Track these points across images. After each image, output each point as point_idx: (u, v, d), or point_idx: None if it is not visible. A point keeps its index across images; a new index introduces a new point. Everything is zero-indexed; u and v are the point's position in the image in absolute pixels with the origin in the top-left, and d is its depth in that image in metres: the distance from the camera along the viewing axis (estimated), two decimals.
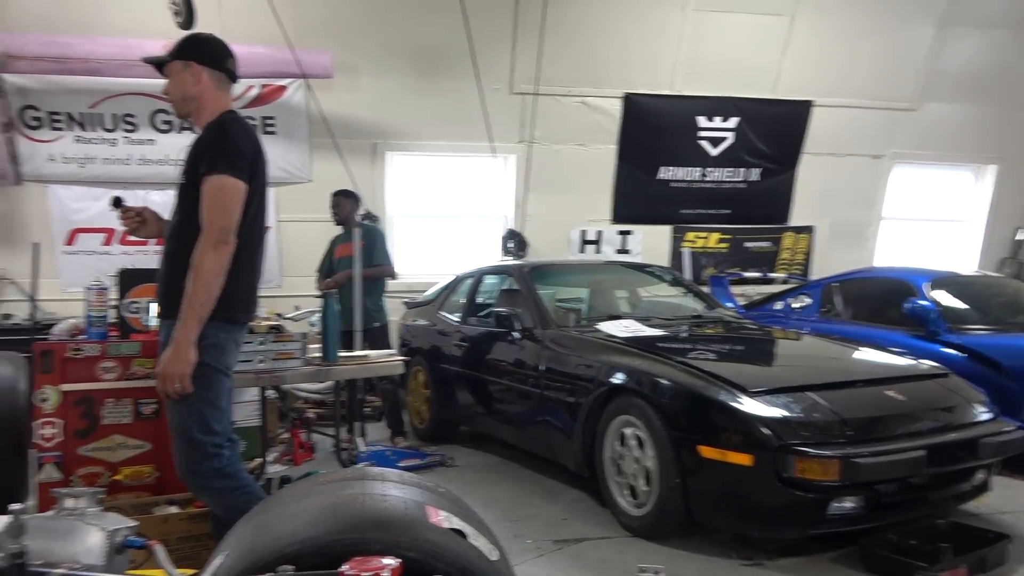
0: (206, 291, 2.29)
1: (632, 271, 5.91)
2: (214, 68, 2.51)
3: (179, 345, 2.27)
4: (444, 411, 5.43)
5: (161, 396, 2.36)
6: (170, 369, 2.27)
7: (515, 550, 3.19)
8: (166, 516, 2.90)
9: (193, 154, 2.44)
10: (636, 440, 3.47)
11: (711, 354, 4.15)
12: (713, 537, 3.35)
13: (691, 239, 8.24)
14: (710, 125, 7.93)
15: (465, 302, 5.56)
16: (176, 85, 2.50)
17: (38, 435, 3.01)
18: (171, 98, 2.55)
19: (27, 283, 6.05)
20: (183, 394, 2.30)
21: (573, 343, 4.17)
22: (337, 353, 3.68)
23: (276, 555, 0.99)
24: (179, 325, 2.29)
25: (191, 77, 2.47)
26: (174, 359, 2.27)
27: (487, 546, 1.14)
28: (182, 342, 2.27)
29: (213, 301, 2.31)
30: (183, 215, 2.43)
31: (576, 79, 7.48)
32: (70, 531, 1.05)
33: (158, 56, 2.56)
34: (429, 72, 7.13)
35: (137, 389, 3.15)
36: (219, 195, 2.33)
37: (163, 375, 2.29)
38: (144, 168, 6.98)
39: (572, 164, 7.70)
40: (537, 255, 7.47)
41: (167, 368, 2.28)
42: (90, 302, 3.24)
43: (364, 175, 7.05)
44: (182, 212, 2.44)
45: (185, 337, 2.28)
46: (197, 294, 2.28)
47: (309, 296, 5.94)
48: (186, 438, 2.35)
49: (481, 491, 4.17)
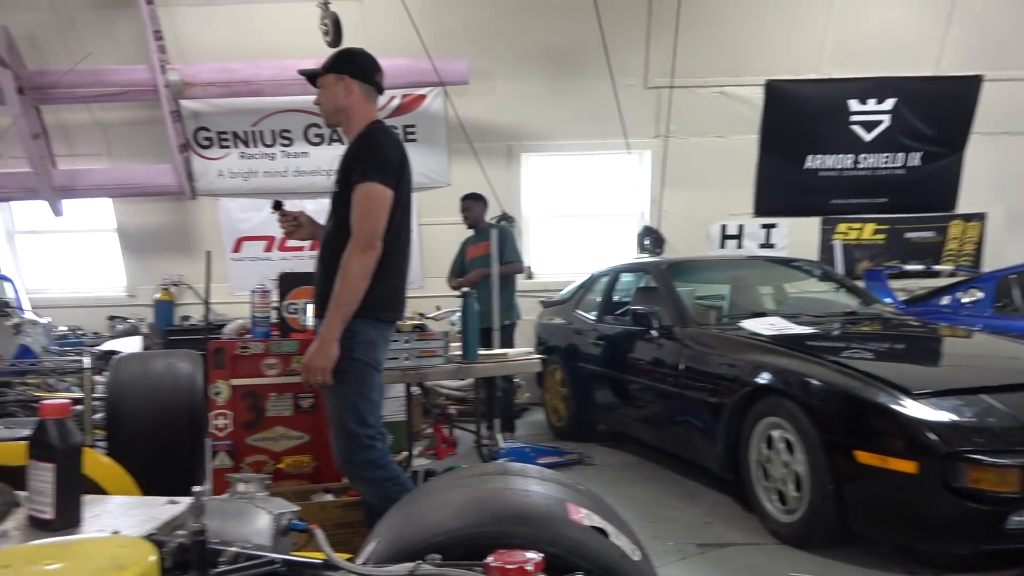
0: (351, 291, 2.42)
1: (777, 266, 5.63)
2: (364, 81, 2.63)
3: (323, 340, 2.42)
4: (581, 410, 5.43)
5: (308, 388, 2.51)
6: (314, 362, 2.42)
7: (655, 552, 3.13)
8: (323, 503, 3.10)
9: (344, 163, 2.57)
10: (784, 443, 3.30)
11: (868, 353, 3.87)
12: (871, 548, 3.12)
13: (843, 231, 7.72)
14: (863, 108, 7.40)
15: (601, 300, 5.53)
16: (328, 97, 2.64)
17: (212, 425, 3.31)
18: (323, 109, 2.69)
19: (201, 288, 6.67)
20: (326, 386, 2.44)
21: (714, 341, 4.04)
22: (477, 351, 3.77)
23: (424, 544, 1.03)
24: (325, 322, 2.44)
25: (343, 90, 2.60)
26: (317, 353, 2.42)
27: (629, 545, 1.12)
28: (326, 337, 2.42)
29: (357, 301, 2.44)
30: (336, 222, 2.57)
31: (713, 69, 7.23)
32: (242, 513, 1.14)
33: (312, 69, 2.71)
34: (562, 72, 7.16)
35: (296, 384, 3.37)
36: (367, 201, 2.45)
37: (307, 367, 2.44)
38: (299, 179, 7.50)
39: (710, 157, 7.45)
40: (674, 252, 7.30)
41: (311, 361, 2.43)
42: (254, 304, 3.52)
43: (500, 177, 7.19)
44: (335, 219, 2.58)
45: (329, 333, 2.42)
46: (343, 294, 2.42)
47: (449, 296, 6.14)
48: (343, 429, 2.49)
49: (619, 490, 4.13)
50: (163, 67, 6.84)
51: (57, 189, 7.35)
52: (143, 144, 7.45)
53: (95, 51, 7.02)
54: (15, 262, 8.02)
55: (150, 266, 7.85)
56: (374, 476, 2.49)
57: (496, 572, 0.80)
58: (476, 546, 1.01)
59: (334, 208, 2.60)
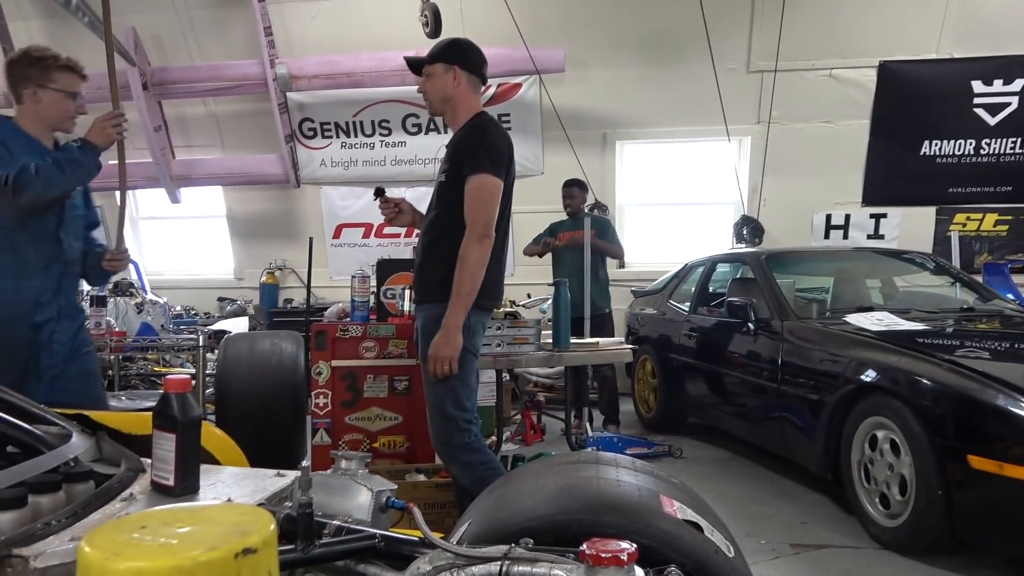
0: (471, 280, 2.46)
1: (886, 258, 5.34)
2: (472, 72, 2.65)
3: (448, 330, 2.46)
4: (672, 401, 5.35)
5: (425, 375, 2.55)
6: (441, 352, 2.46)
7: (748, 549, 3.05)
8: (415, 483, 3.19)
9: (454, 153, 2.59)
10: (890, 445, 3.15)
11: (985, 352, 3.62)
12: (982, 559, 2.94)
13: (960, 221, 7.23)
14: (988, 90, 6.88)
15: (695, 291, 5.41)
16: (436, 86, 2.64)
17: (313, 404, 3.46)
18: (428, 97, 2.67)
19: (304, 272, 6.97)
20: (450, 375, 2.48)
21: (816, 336, 3.88)
22: (569, 339, 3.78)
23: (516, 528, 1.05)
24: (448, 312, 2.47)
25: (452, 79, 2.61)
26: (443, 343, 2.46)
27: (723, 541, 1.11)
28: (451, 327, 2.46)
29: (477, 290, 2.48)
30: (441, 210, 2.60)
31: (821, 51, 6.90)
32: (344, 489, 1.20)
33: (418, 57, 2.71)
34: (660, 58, 7.01)
35: (392, 367, 3.50)
36: (482, 192, 2.49)
37: (434, 357, 2.47)
38: (397, 168, 7.70)
39: (815, 143, 7.13)
40: (774, 242, 7.04)
41: (438, 351, 2.46)
42: (354, 289, 3.64)
43: (593, 165, 7.14)
44: (440, 207, 2.61)
45: (454, 323, 2.46)
46: (463, 283, 2.46)
47: (540, 284, 6.15)
48: (441, 413, 2.54)
49: (711, 485, 4.05)
50: (272, 61, 7.16)
51: (175, 178, 7.84)
52: (252, 135, 7.84)
53: (210, 48, 7.43)
54: (138, 246, 8.61)
55: (256, 251, 8.27)
56: (469, 459, 2.54)
57: (590, 560, 0.81)
58: (567, 533, 1.02)
59: (439, 197, 2.62)
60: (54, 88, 2.55)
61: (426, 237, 2.66)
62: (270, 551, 0.70)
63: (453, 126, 2.69)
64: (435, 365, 2.47)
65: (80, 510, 1.01)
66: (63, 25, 7.23)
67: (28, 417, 1.34)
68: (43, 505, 1.03)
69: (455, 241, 2.50)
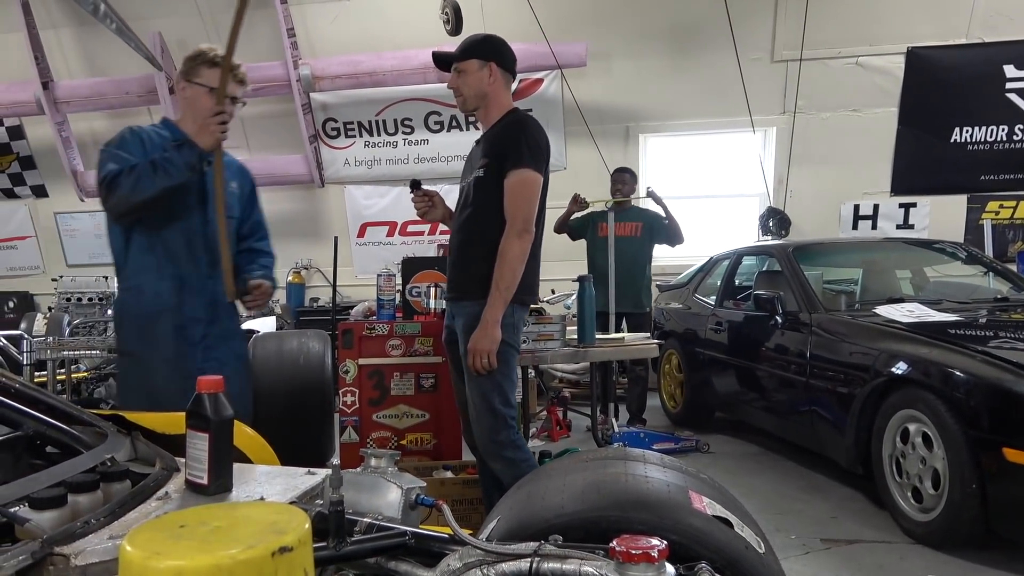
0: (512, 275, 2.47)
1: (916, 248, 5.24)
2: (505, 69, 2.65)
3: (487, 324, 2.47)
4: (698, 396, 5.32)
5: (468, 373, 2.54)
6: (480, 346, 2.47)
7: (778, 545, 3.02)
8: (443, 479, 3.21)
9: (493, 149, 2.57)
10: (922, 438, 3.10)
11: (1020, 343, 3.54)
12: (1018, 552, 2.88)
13: (993, 209, 7.08)
14: (1021, 75, 6.72)
15: (721, 284, 5.37)
16: (471, 82, 2.62)
17: (340, 402, 3.49)
18: (462, 93, 2.63)
19: (329, 271, 7.02)
20: (489, 369, 2.48)
21: (845, 328, 3.83)
22: (594, 335, 3.76)
23: (545, 525, 1.06)
24: (487, 306, 2.48)
25: (488, 76, 2.61)
26: (482, 337, 2.47)
27: (753, 537, 1.10)
28: (490, 321, 2.47)
29: (516, 285, 2.49)
30: (478, 205, 2.59)
31: (847, 38, 6.79)
32: (375, 486, 1.21)
33: (448, 53, 2.68)
34: (683, 50, 6.95)
35: (418, 364, 3.52)
36: (524, 188, 2.49)
37: (473, 351, 2.48)
38: (420, 166, 7.73)
39: (842, 133, 7.02)
40: (801, 234, 6.95)
41: (477, 345, 2.47)
42: (380, 287, 3.67)
43: (617, 159, 7.09)
44: (477, 203, 2.60)
45: (493, 317, 2.47)
46: (504, 278, 2.47)
47: (564, 280, 6.14)
48: (489, 409, 2.54)
49: (739, 480, 4.02)
50: (295, 63, 7.23)
51: None
52: (277, 136, 7.91)
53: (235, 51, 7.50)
54: None
55: (282, 250, 8.20)
56: (513, 456, 2.53)
57: (620, 556, 0.81)
58: (596, 529, 1.02)
59: (475, 193, 2.60)
60: (197, 83, 2.45)
61: (462, 234, 2.65)
62: (306, 549, 0.72)
63: (485, 123, 2.68)
64: (474, 359, 2.47)
65: (117, 509, 1.03)
66: (92, 32, 7.37)
67: (66, 418, 1.38)
68: (82, 504, 1.05)
69: (495, 237, 2.50)
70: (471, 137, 7.64)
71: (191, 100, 2.47)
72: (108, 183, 2.27)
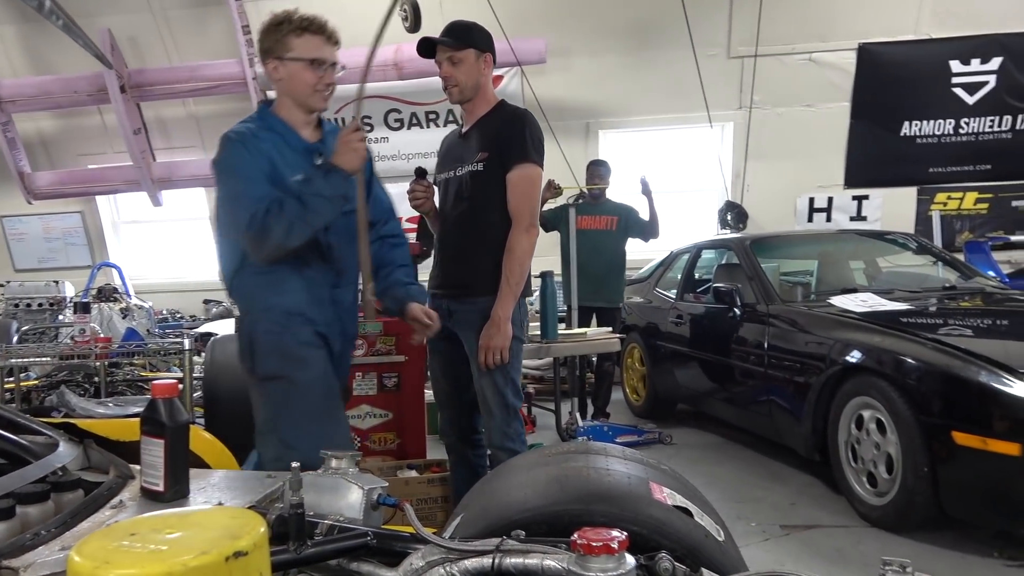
0: (521, 271, 2.48)
1: (868, 240, 5.37)
2: (494, 61, 2.63)
3: (499, 320, 2.45)
4: (660, 389, 5.38)
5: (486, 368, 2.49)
6: (494, 343, 2.45)
7: (738, 532, 3.08)
8: (407, 479, 3.19)
9: (494, 143, 2.50)
10: (876, 424, 3.18)
11: (968, 330, 3.66)
12: (969, 533, 2.98)
13: (941, 201, 7.30)
14: (966, 70, 6.95)
15: (681, 278, 5.44)
16: (468, 73, 2.55)
17: None
18: (458, 83, 2.54)
19: None
20: (500, 364, 2.47)
21: (801, 319, 3.91)
22: (556, 331, 3.78)
23: (508, 520, 1.06)
24: (497, 302, 2.46)
25: (484, 67, 2.58)
26: (496, 333, 2.45)
27: (712, 526, 1.12)
28: (502, 317, 2.45)
29: (525, 280, 2.50)
30: (479, 200, 2.52)
31: (801, 35, 6.94)
32: (335, 488, 1.20)
33: (442, 39, 2.56)
34: (641, 46, 7.02)
35: (381, 364, 3.49)
36: (529, 183, 2.48)
37: (486, 348, 2.46)
38: (380, 164, 7.56)
39: (797, 127, 7.17)
40: (758, 227, 7.08)
41: (491, 342, 2.45)
42: None
43: (577, 155, 7.13)
44: (474, 198, 2.53)
45: (504, 312, 2.46)
46: (514, 274, 2.46)
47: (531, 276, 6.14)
48: (502, 403, 2.53)
49: (701, 470, 4.09)
50: (251, 60, 7.10)
51: (156, 181, 7.77)
52: None
53: (187, 49, 7.35)
54: (120, 250, 8.53)
55: None
56: (520, 449, 2.53)
57: (581, 549, 0.81)
58: (559, 523, 1.03)
59: (475, 187, 2.53)
60: (291, 58, 2.12)
61: (460, 228, 2.58)
62: (262, 553, 0.71)
63: (471, 115, 2.61)
64: (487, 355, 2.45)
65: (69, 519, 1.01)
66: (38, 28, 7.15)
67: (13, 427, 1.33)
68: (31, 516, 1.02)
69: (498, 231, 2.48)
70: (432, 135, 7.63)
71: (289, 80, 2.14)
72: (257, 232, 1.98)
